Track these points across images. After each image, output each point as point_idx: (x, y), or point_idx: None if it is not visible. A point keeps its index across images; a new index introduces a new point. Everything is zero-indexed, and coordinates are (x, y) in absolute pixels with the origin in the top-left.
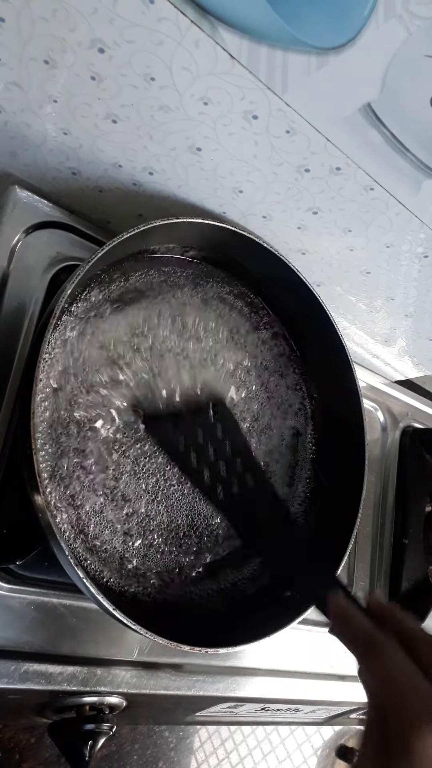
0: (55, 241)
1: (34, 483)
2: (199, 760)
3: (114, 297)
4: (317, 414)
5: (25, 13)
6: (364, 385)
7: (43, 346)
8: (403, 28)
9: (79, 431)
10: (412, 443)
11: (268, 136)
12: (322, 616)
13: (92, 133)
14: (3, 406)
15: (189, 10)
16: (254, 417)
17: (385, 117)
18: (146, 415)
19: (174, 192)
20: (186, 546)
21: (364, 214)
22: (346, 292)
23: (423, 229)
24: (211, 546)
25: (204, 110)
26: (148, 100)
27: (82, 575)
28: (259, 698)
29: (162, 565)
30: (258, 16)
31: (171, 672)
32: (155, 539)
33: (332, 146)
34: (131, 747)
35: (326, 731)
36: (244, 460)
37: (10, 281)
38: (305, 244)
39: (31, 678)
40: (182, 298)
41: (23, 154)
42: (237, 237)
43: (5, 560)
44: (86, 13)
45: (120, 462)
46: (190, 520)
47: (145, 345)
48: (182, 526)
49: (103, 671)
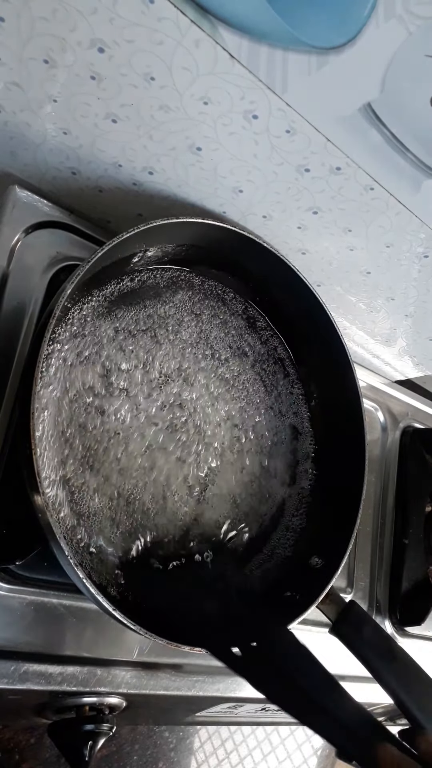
0: (54, 240)
1: (34, 483)
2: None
3: (113, 297)
4: (317, 414)
5: (25, 12)
6: (364, 385)
7: (42, 345)
8: (403, 28)
9: (79, 431)
10: (413, 443)
11: (268, 135)
12: (322, 616)
13: (92, 132)
14: (3, 406)
15: (189, 10)
16: (254, 416)
17: (385, 117)
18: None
19: (174, 192)
20: (187, 548)
21: (365, 214)
22: (346, 292)
23: (423, 229)
24: (212, 548)
25: (204, 110)
26: (148, 99)
27: (82, 575)
28: (260, 698)
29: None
30: (258, 15)
31: (171, 672)
32: (155, 540)
33: (332, 146)
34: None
35: None
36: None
37: (10, 281)
38: (305, 243)
39: (30, 678)
40: (182, 298)
41: (23, 154)
42: (237, 237)
43: (5, 560)
44: (86, 13)
45: (121, 462)
46: (190, 521)
47: (144, 344)
48: (183, 528)
49: (102, 671)
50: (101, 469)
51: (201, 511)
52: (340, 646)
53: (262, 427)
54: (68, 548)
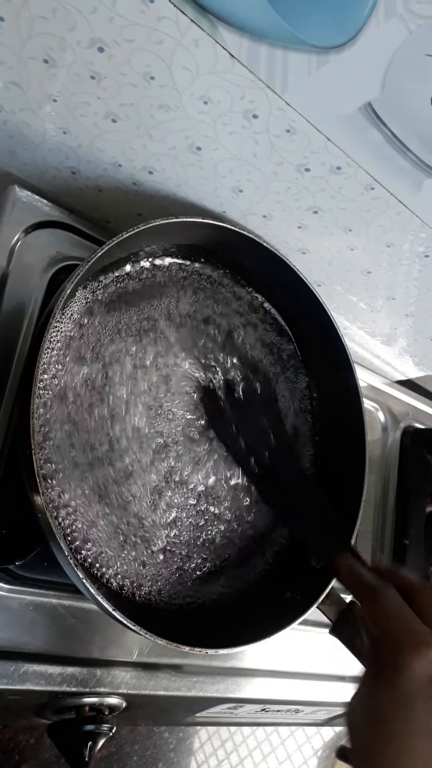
0: (54, 240)
1: (34, 483)
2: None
3: (113, 297)
4: (317, 414)
5: (25, 12)
6: (365, 385)
7: (42, 345)
8: (403, 28)
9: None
10: (413, 443)
11: (268, 135)
12: (322, 616)
13: (92, 132)
14: (2, 406)
15: (189, 9)
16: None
17: (386, 116)
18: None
19: (174, 191)
20: (187, 549)
21: (365, 214)
22: (347, 292)
23: (424, 229)
24: (212, 548)
25: (204, 109)
26: (148, 99)
27: (82, 576)
28: (260, 699)
29: (162, 566)
30: (258, 14)
31: (171, 673)
32: (156, 541)
33: (333, 145)
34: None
35: (326, 732)
36: (276, 434)
37: (10, 281)
38: (306, 243)
39: (30, 679)
40: (182, 298)
41: (23, 154)
42: (237, 236)
43: (5, 561)
44: (86, 12)
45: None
46: (190, 522)
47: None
48: (184, 530)
49: (102, 672)
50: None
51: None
52: (340, 646)
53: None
54: (68, 549)
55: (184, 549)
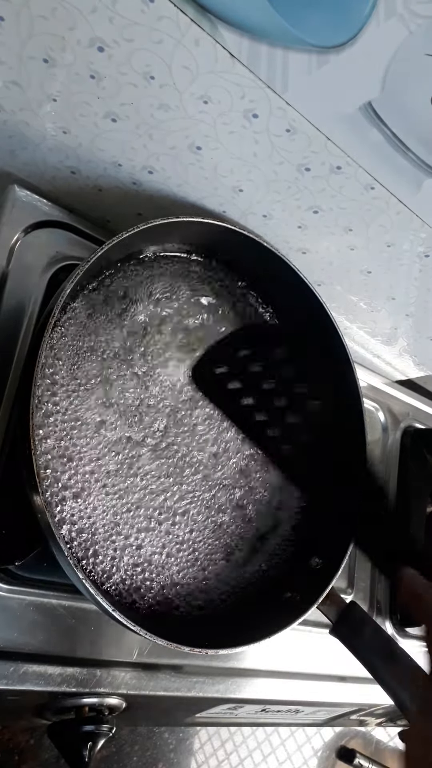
0: (54, 240)
1: (34, 483)
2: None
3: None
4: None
5: (25, 11)
6: (365, 385)
7: (42, 345)
8: (403, 27)
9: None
10: (414, 443)
11: (268, 134)
12: (322, 616)
13: (92, 131)
14: (2, 406)
15: (189, 9)
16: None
17: (386, 116)
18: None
19: (174, 191)
20: (187, 550)
21: (365, 213)
22: (347, 292)
23: (424, 229)
24: (212, 548)
25: (204, 109)
26: (148, 98)
27: (82, 576)
28: (260, 699)
29: (162, 566)
30: (258, 14)
31: (171, 673)
32: (156, 542)
33: (333, 145)
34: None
35: (327, 732)
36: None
37: (9, 281)
38: (306, 243)
39: (30, 679)
40: (182, 297)
41: (22, 153)
42: (237, 236)
43: (4, 561)
44: (86, 12)
45: (122, 462)
46: (190, 523)
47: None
48: (183, 530)
49: (102, 672)
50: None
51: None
52: (340, 646)
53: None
54: (67, 549)
55: (184, 550)
